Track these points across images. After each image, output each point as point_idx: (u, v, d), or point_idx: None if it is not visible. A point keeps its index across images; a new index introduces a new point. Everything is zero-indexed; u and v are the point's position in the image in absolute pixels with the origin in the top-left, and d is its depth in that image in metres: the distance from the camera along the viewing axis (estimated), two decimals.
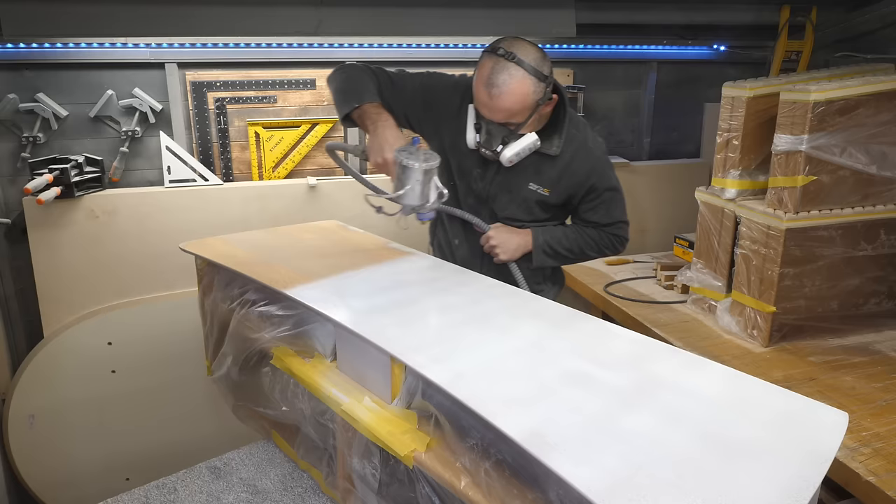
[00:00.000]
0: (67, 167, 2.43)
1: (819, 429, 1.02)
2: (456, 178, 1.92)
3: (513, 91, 1.61)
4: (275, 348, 1.49)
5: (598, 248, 1.96)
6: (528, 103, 1.65)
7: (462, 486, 1.06)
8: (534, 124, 1.74)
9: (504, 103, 1.63)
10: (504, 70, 1.60)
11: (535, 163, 1.82)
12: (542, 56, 1.65)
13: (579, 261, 2.01)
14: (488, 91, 1.62)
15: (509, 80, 1.60)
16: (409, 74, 1.90)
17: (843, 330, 2.13)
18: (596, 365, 1.17)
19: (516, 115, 1.66)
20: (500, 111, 1.65)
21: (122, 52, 2.56)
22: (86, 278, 2.60)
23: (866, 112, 1.94)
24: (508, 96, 1.61)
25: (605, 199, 1.90)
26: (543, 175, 1.84)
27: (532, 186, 1.85)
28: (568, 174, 1.84)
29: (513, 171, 1.82)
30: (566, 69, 3.15)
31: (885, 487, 1.38)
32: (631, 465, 0.91)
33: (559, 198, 1.88)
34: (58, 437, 2.61)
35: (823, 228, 2.00)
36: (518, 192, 1.87)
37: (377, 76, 1.82)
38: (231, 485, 1.62)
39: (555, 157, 1.81)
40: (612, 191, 1.91)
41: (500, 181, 1.86)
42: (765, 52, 3.27)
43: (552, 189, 1.86)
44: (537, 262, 1.92)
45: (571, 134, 1.83)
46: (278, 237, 1.95)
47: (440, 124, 1.87)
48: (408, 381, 1.22)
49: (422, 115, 1.88)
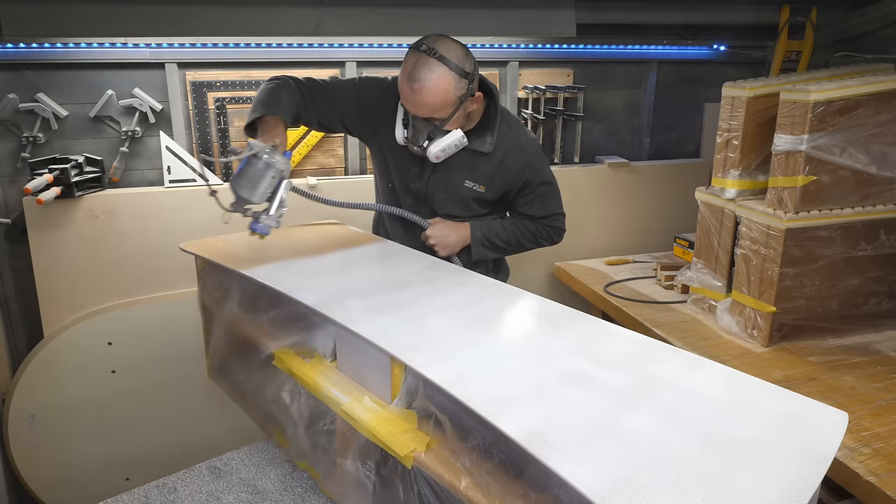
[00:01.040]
0: (67, 167, 2.43)
1: (819, 429, 1.02)
2: (395, 179, 2.00)
3: (433, 86, 1.67)
4: (275, 349, 1.49)
5: (534, 240, 2.05)
6: (450, 98, 1.71)
7: (462, 487, 1.06)
8: (459, 121, 1.80)
9: (425, 98, 1.68)
10: (425, 66, 1.66)
11: (470, 160, 1.89)
12: (464, 53, 1.72)
13: (517, 252, 2.10)
14: (410, 86, 1.68)
15: (430, 76, 1.66)
16: (342, 81, 1.97)
17: (843, 330, 2.13)
18: (596, 365, 1.17)
19: (438, 110, 1.72)
20: (422, 106, 1.71)
21: (122, 52, 2.56)
22: (86, 278, 2.59)
23: (866, 112, 1.94)
24: (429, 91, 1.67)
25: (541, 192, 1.98)
26: (478, 172, 1.91)
27: (468, 184, 1.93)
28: (502, 170, 1.91)
29: (449, 169, 1.90)
30: (566, 69, 3.15)
31: (885, 487, 1.38)
32: (631, 464, 0.91)
33: (495, 194, 1.96)
34: (58, 437, 2.61)
35: (823, 228, 2.00)
36: (455, 190, 1.94)
37: (303, 89, 1.87)
38: (231, 485, 1.62)
39: (488, 154, 1.89)
40: (547, 184, 1.99)
41: (436, 180, 1.93)
42: (765, 52, 3.27)
43: (488, 186, 1.93)
44: (476, 255, 1.99)
45: (504, 131, 1.90)
46: (279, 237, 1.95)
47: (377, 127, 1.93)
48: (408, 381, 1.22)
49: (358, 120, 1.95)
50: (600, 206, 3.22)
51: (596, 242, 3.24)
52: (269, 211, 1.58)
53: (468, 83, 1.72)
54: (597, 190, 3.20)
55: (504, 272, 2.22)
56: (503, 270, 2.22)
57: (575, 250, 3.15)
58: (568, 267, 2.95)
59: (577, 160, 3.24)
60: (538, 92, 3.06)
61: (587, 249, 3.20)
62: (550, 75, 3.12)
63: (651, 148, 3.42)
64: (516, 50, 3.01)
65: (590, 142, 3.31)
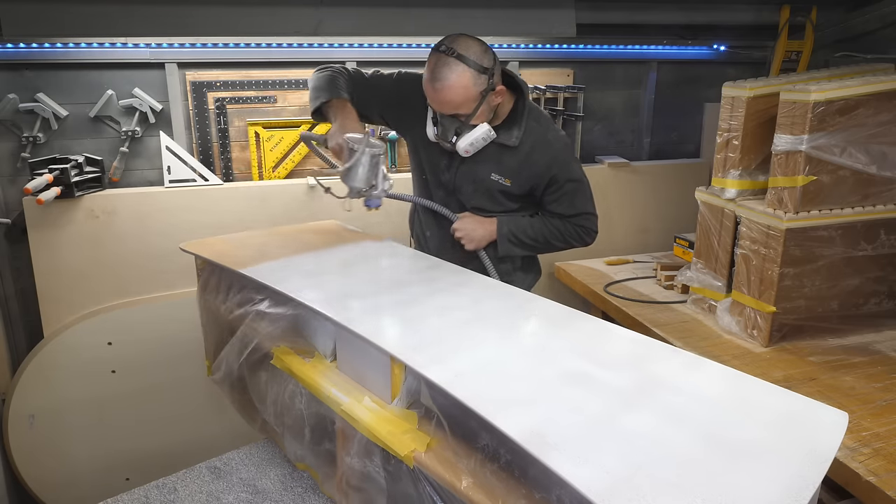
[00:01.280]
0: (67, 167, 2.43)
1: (819, 429, 1.02)
2: (426, 172, 2.05)
3: (453, 84, 1.73)
4: (275, 348, 1.49)
5: (563, 239, 2.05)
6: (471, 95, 1.76)
7: (463, 487, 1.06)
8: (485, 115, 1.84)
9: (446, 96, 1.75)
10: (445, 65, 1.73)
11: (497, 154, 1.92)
12: (482, 50, 1.77)
13: (547, 251, 2.09)
14: (432, 86, 1.75)
15: (449, 74, 1.73)
16: (383, 75, 2.03)
17: (843, 330, 2.12)
18: (596, 365, 1.17)
19: (461, 106, 1.77)
20: (444, 104, 1.77)
21: (122, 52, 2.56)
22: (86, 278, 2.59)
23: (866, 112, 1.94)
24: (449, 89, 1.74)
25: (568, 190, 1.98)
26: (504, 166, 1.94)
27: (494, 177, 1.95)
28: (528, 165, 1.93)
29: (475, 162, 1.93)
30: (566, 69, 3.15)
31: (885, 487, 1.38)
32: (631, 464, 0.91)
33: (521, 188, 1.97)
34: (58, 437, 2.61)
35: (823, 228, 2.00)
36: (481, 183, 1.97)
37: (352, 78, 1.97)
38: (231, 485, 1.62)
39: (514, 148, 1.91)
40: (575, 182, 1.99)
41: (464, 172, 1.97)
42: (765, 52, 3.27)
43: (513, 179, 1.95)
44: (502, 250, 2.00)
45: (531, 126, 1.92)
46: (278, 237, 1.95)
47: (412, 121, 1.99)
48: (408, 381, 1.22)
49: (396, 112, 2.01)
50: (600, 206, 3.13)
51: (596, 242, 3.21)
52: (377, 187, 1.76)
53: (488, 78, 1.77)
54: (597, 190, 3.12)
55: (535, 272, 2.22)
56: (534, 271, 2.22)
57: (575, 250, 3.14)
58: (568, 267, 2.95)
59: None
60: (538, 92, 3.06)
61: (587, 249, 3.16)
62: (550, 75, 3.12)
63: (651, 148, 3.42)
64: (516, 50, 3.01)
65: (590, 142, 3.31)
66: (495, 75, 1.79)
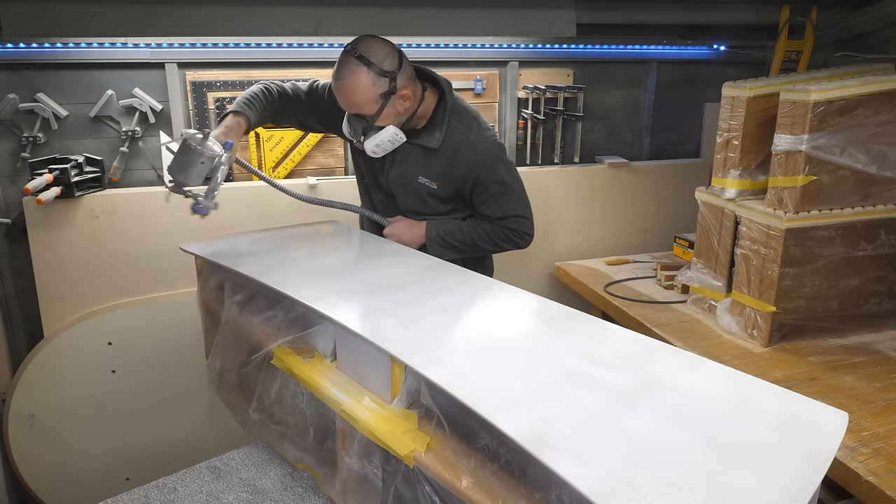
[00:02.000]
0: (67, 167, 2.42)
1: (819, 429, 1.02)
2: (365, 175, 2.08)
3: (350, 84, 1.76)
4: (275, 348, 1.49)
5: (493, 242, 2.01)
6: (370, 96, 1.77)
7: (463, 487, 1.06)
8: (392, 117, 1.84)
9: (346, 96, 1.79)
10: (346, 65, 1.76)
11: (423, 156, 1.93)
12: (386, 52, 1.78)
13: (477, 254, 2.07)
14: (334, 84, 1.80)
15: (349, 74, 1.75)
16: (319, 85, 2.04)
17: (843, 330, 2.12)
18: (596, 365, 1.17)
19: (362, 106, 1.79)
20: (346, 103, 1.81)
21: (122, 52, 2.56)
22: (86, 278, 2.59)
23: (866, 112, 1.94)
24: (348, 89, 1.77)
25: (494, 192, 1.96)
26: (430, 169, 1.94)
27: (421, 180, 1.96)
28: (451, 167, 1.93)
29: (404, 165, 1.95)
30: (566, 69, 3.15)
31: (885, 487, 1.38)
32: (631, 464, 0.91)
33: (447, 191, 1.97)
34: (58, 437, 2.61)
35: (823, 228, 2.00)
36: (410, 186, 1.98)
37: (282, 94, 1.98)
38: (231, 485, 1.62)
39: (437, 150, 1.91)
40: (501, 184, 1.96)
41: (394, 175, 1.98)
42: (765, 52, 3.27)
43: (439, 182, 1.95)
44: (432, 253, 1.97)
45: (453, 127, 1.92)
46: (278, 237, 1.95)
47: None
48: (408, 380, 1.22)
49: (331, 119, 2.00)
50: (600, 206, 3.22)
51: (596, 242, 3.24)
52: (206, 195, 1.69)
53: (389, 81, 1.77)
54: (597, 190, 3.20)
55: (488, 269, 2.23)
56: (487, 267, 2.23)
57: (575, 250, 3.15)
58: (568, 267, 2.95)
59: (577, 160, 3.24)
60: (538, 92, 3.06)
61: (587, 249, 3.20)
62: (550, 75, 3.12)
63: (651, 148, 3.42)
64: (516, 50, 3.01)
65: (590, 142, 3.31)
66: (399, 78, 1.78)
